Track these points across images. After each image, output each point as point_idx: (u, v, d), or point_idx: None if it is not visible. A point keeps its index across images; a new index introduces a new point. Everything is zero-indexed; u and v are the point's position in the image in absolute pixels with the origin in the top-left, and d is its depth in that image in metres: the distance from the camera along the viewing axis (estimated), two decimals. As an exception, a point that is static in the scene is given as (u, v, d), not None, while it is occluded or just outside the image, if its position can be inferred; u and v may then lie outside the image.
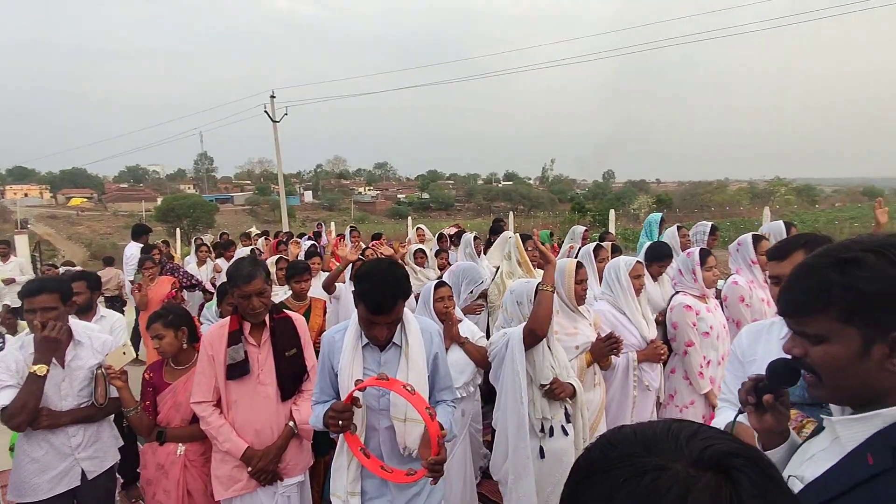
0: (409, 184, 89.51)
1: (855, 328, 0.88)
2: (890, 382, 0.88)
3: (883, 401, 0.89)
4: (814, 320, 0.93)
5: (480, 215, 54.26)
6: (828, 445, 0.99)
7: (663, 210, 24.94)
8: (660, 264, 3.85)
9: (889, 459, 0.85)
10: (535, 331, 2.35)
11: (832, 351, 0.91)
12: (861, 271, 0.87)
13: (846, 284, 0.88)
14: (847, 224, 20.05)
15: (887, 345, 0.86)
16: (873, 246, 0.89)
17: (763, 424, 1.12)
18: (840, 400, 0.97)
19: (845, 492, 0.88)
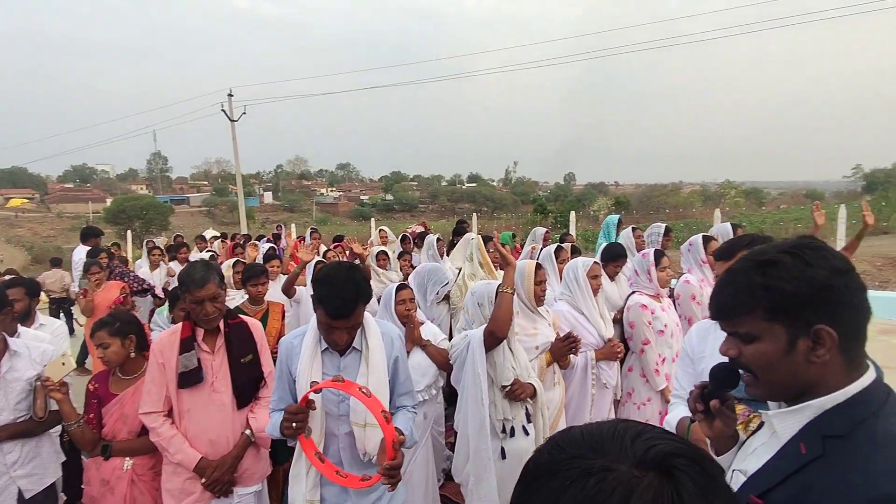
0: (373, 185, 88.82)
1: (780, 325, 0.94)
2: (817, 374, 0.94)
3: (812, 393, 0.95)
4: (743, 321, 0.98)
5: (444, 217, 54.37)
6: (767, 439, 1.03)
7: (621, 212, 25.58)
8: (615, 264, 3.99)
9: (819, 447, 0.90)
10: (495, 332, 2.36)
11: (762, 348, 0.96)
12: (779, 272, 0.93)
13: (767, 285, 0.94)
14: (791, 225, 21.10)
15: (810, 338, 0.92)
16: (789, 248, 0.96)
17: (714, 430, 1.16)
18: (775, 395, 1.02)
19: (782, 481, 0.93)
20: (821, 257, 0.93)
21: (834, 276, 0.91)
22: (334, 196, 75.34)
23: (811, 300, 0.91)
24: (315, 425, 1.94)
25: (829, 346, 0.91)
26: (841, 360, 0.93)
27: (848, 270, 0.93)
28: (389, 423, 1.59)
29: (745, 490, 0.99)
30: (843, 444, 0.88)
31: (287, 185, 79.66)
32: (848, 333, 0.92)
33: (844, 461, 0.86)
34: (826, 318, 0.91)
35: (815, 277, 0.91)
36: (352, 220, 53.69)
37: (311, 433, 1.88)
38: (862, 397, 0.92)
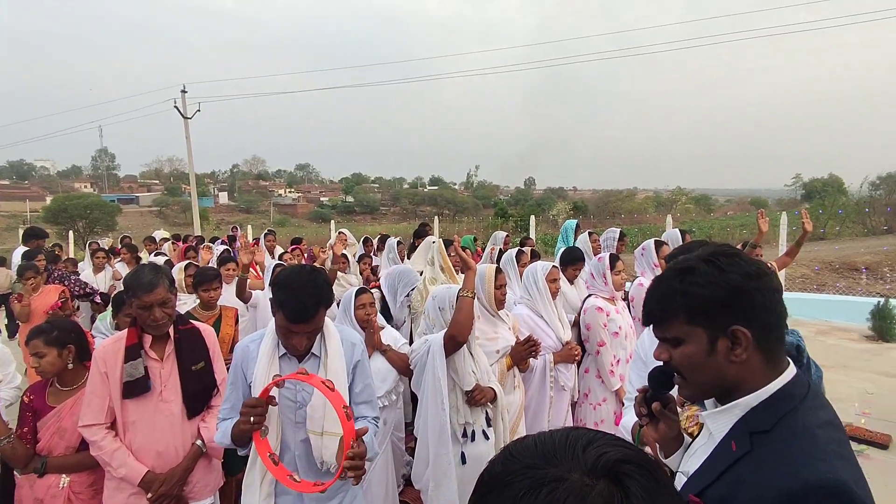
0: (333, 186, 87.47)
1: (700, 328, 1.00)
2: (738, 373, 1.00)
3: (739, 392, 1.00)
4: (668, 326, 1.04)
5: (406, 220, 54.15)
6: (706, 440, 1.08)
7: (579, 217, 26.23)
8: (573, 267, 4.10)
9: (747, 444, 0.96)
10: (455, 337, 2.36)
11: (687, 351, 1.02)
12: (696, 278, 1.00)
13: (686, 291, 1.01)
14: (737, 231, 22.17)
15: (728, 338, 0.98)
16: (705, 255, 1.03)
17: (659, 433, 1.21)
18: (703, 395, 1.07)
19: (716, 479, 0.98)
20: (734, 263, 1.00)
21: (746, 281, 0.98)
22: (293, 197, 73.74)
23: (726, 303, 0.98)
24: (271, 430, 1.88)
25: (745, 344, 0.97)
26: (760, 359, 0.99)
27: (760, 275, 1.00)
28: (350, 420, 1.55)
29: (685, 490, 1.03)
30: (767, 438, 0.94)
31: (244, 186, 77.42)
32: (763, 333, 0.98)
33: (769, 455, 0.92)
34: (741, 319, 0.97)
35: (729, 282, 0.98)
36: (311, 221, 52.73)
37: (267, 433, 1.82)
38: (783, 393, 0.98)
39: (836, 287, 12.12)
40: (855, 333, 7.65)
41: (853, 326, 7.86)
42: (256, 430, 1.75)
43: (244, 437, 1.80)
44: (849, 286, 12.26)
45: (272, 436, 1.86)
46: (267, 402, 1.75)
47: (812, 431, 0.91)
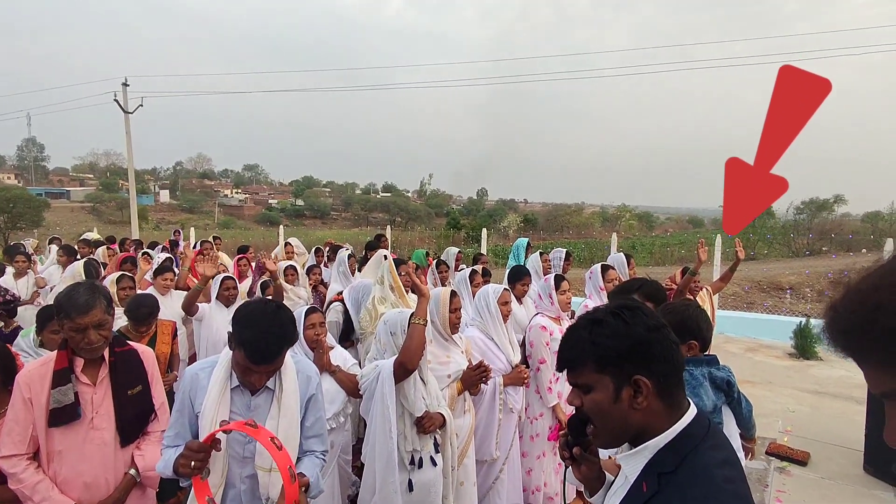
0: (282, 189, 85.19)
1: (608, 376, 1.08)
2: (642, 419, 1.08)
3: (646, 436, 1.08)
4: (579, 373, 1.12)
5: (358, 225, 53.51)
6: (623, 481, 1.15)
7: (529, 231, 26.71)
8: (520, 283, 4.23)
9: (655, 484, 1.03)
10: (405, 364, 2.35)
11: (596, 398, 1.10)
12: (603, 329, 1.09)
13: (594, 341, 1.09)
14: (676, 248, 23.33)
15: (631, 387, 1.06)
16: (613, 309, 1.13)
17: (582, 474, 1.29)
18: (613, 442, 1.15)
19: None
20: (637, 317, 1.09)
21: (648, 333, 1.07)
22: (239, 198, 71.24)
23: (629, 353, 1.06)
24: (216, 466, 1.80)
25: (646, 393, 1.05)
26: (661, 405, 1.07)
27: (659, 327, 1.09)
28: (294, 483, 1.52)
29: None
30: (672, 478, 1.01)
31: (187, 185, 74.11)
32: (663, 381, 1.07)
33: (673, 495, 0.99)
34: (642, 369, 1.06)
35: (632, 334, 1.07)
36: (258, 224, 51.13)
37: (207, 475, 1.75)
38: (685, 434, 1.06)
39: (763, 306, 12.97)
40: (780, 351, 8.18)
41: (778, 344, 8.40)
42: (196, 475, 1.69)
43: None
44: (775, 305, 13.15)
45: (217, 473, 1.79)
46: (210, 448, 1.68)
47: (710, 473, 0.99)
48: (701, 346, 2.19)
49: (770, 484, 3.98)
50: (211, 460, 1.74)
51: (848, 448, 4.49)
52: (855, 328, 0.69)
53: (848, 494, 3.83)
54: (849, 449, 4.47)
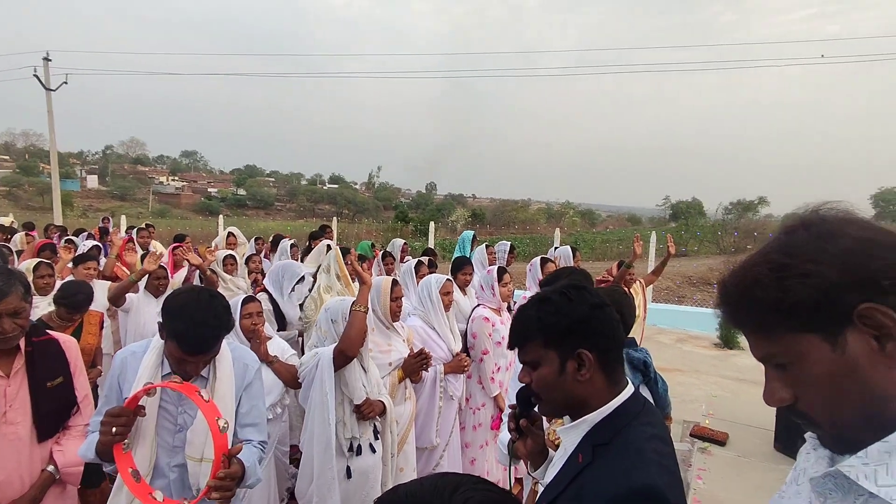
0: (223, 177, 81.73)
1: (553, 351, 1.15)
2: (584, 391, 1.15)
3: (587, 409, 1.15)
4: (527, 350, 1.19)
5: (303, 217, 52.19)
6: (562, 453, 1.22)
7: (477, 226, 27.01)
8: (462, 273, 4.31)
9: (590, 455, 1.10)
10: (345, 351, 2.35)
11: (543, 372, 1.16)
12: (549, 307, 1.16)
13: (540, 318, 1.16)
14: (615, 244, 24.35)
15: (575, 360, 1.13)
16: (560, 288, 1.20)
17: (528, 448, 1.35)
18: (558, 412, 1.22)
19: (565, 488, 1.11)
20: (581, 296, 1.17)
21: (591, 310, 1.15)
22: (176, 186, 67.74)
23: (573, 329, 1.13)
24: (143, 456, 1.73)
25: (588, 365, 1.12)
26: (602, 379, 1.15)
27: (602, 305, 1.17)
28: (224, 434, 1.48)
29: (541, 499, 1.15)
30: (606, 450, 1.09)
31: (118, 170, 69.64)
32: (604, 355, 1.14)
33: (605, 465, 1.07)
34: (586, 343, 1.13)
35: (576, 311, 1.14)
36: (196, 213, 48.88)
37: (129, 447, 1.67)
38: (621, 410, 1.14)
39: (693, 299, 13.78)
40: (706, 341, 8.74)
41: (705, 335, 8.97)
42: (118, 444, 1.61)
43: (108, 451, 1.64)
44: (703, 299, 14.00)
45: (144, 459, 1.73)
46: (134, 413, 1.61)
47: (640, 444, 1.07)
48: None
49: (693, 463, 4.27)
50: (139, 447, 1.68)
51: (761, 428, 4.87)
52: (736, 300, 0.78)
53: (759, 470, 4.17)
54: (762, 429, 4.85)
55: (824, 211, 0.77)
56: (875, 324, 0.66)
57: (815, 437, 0.80)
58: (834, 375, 0.70)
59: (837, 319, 0.69)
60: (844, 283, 0.68)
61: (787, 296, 0.71)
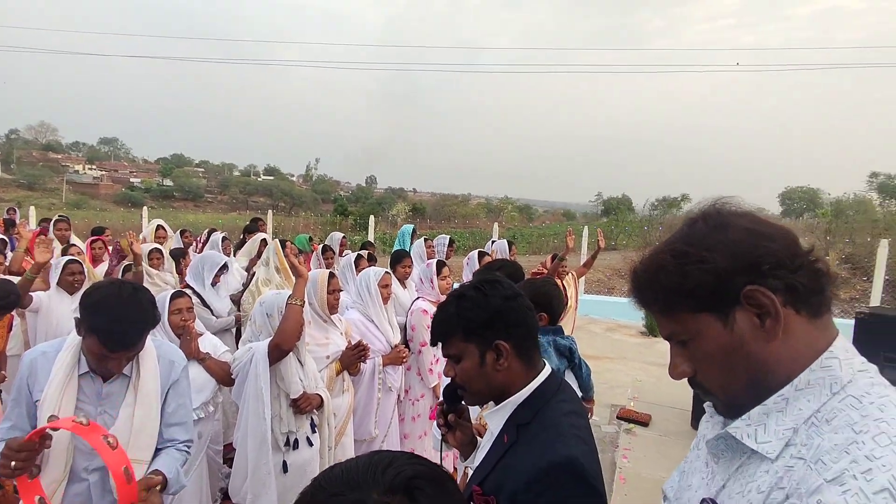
0: (147, 167, 76.62)
1: (473, 344, 1.21)
2: (505, 379, 1.22)
3: (509, 394, 1.23)
4: (450, 345, 1.24)
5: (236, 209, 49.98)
6: (490, 437, 1.29)
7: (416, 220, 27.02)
8: (401, 265, 4.33)
9: (514, 435, 1.17)
10: (280, 345, 2.32)
11: (465, 365, 1.22)
12: (466, 303, 1.22)
13: (459, 314, 1.21)
14: (551, 238, 25.15)
15: (493, 351, 1.20)
16: (475, 284, 1.26)
17: (457, 440, 1.41)
18: (482, 401, 1.29)
19: (493, 468, 1.18)
20: (495, 289, 1.23)
21: (505, 302, 1.21)
22: (94, 175, 62.81)
23: (490, 322, 1.19)
24: (58, 459, 1.63)
25: (506, 355, 1.19)
26: (520, 365, 1.22)
27: (515, 296, 1.24)
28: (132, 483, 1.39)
29: (471, 482, 1.22)
30: (528, 429, 1.16)
31: (26, 157, 63.60)
32: (520, 343, 1.22)
33: (527, 442, 1.14)
34: (502, 334, 1.19)
35: (490, 305, 1.20)
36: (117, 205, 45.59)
37: (37, 473, 1.57)
38: (540, 390, 1.22)
39: (622, 291, 14.52)
40: (634, 330, 9.26)
41: (632, 324, 9.50)
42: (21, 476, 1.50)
43: None
44: (631, 290, 14.77)
45: (58, 465, 1.62)
46: (40, 446, 1.51)
47: (558, 420, 1.15)
48: (550, 319, 2.44)
49: (619, 444, 4.54)
50: (51, 453, 1.58)
51: (681, 409, 5.25)
52: (644, 285, 0.86)
53: (679, 447, 4.49)
54: (681, 410, 5.23)
55: (720, 205, 0.86)
56: (757, 303, 0.76)
57: (712, 405, 0.90)
58: (725, 349, 0.79)
59: (728, 300, 0.78)
60: (733, 268, 0.77)
61: (686, 280, 0.79)
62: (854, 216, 20.84)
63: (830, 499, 0.62)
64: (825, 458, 0.67)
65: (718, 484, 0.82)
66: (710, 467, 0.87)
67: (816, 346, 0.76)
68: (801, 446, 0.71)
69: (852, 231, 16.73)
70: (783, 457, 0.72)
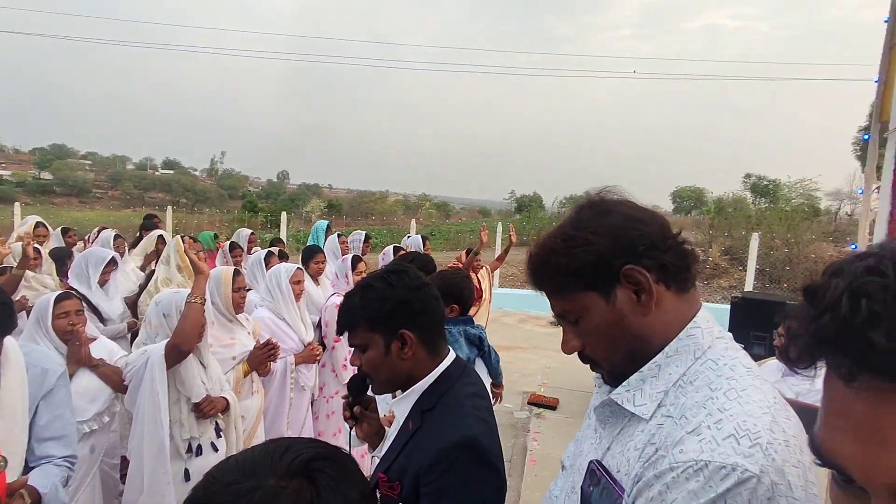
0: (21, 158, 68.08)
1: (377, 333, 1.23)
2: (410, 367, 1.25)
3: (414, 381, 1.26)
4: (355, 335, 1.25)
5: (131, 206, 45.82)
6: (397, 424, 1.31)
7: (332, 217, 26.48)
8: (314, 261, 4.23)
9: (419, 421, 1.21)
10: (179, 346, 2.18)
11: (371, 355, 1.24)
12: (371, 293, 1.24)
13: (363, 304, 1.23)
14: (468, 234, 25.70)
15: (398, 340, 1.22)
16: (380, 274, 1.28)
17: (365, 432, 1.41)
18: (389, 390, 1.32)
19: (398, 455, 1.21)
20: (401, 279, 1.25)
21: (410, 292, 1.24)
22: (-47, 167, 54.71)
23: (395, 312, 1.22)
24: None
25: (411, 343, 1.22)
26: (425, 353, 1.26)
27: (420, 286, 1.27)
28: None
29: (377, 469, 1.24)
30: (432, 414, 1.20)
31: None
32: (425, 332, 1.25)
33: (431, 426, 1.18)
34: (407, 324, 1.22)
35: (395, 295, 1.22)
36: (-19, 201, 40.09)
37: None
38: (444, 376, 1.26)
39: (533, 284, 15.15)
40: (544, 320, 9.71)
41: (543, 315, 9.96)
42: None
43: None
44: (542, 283, 15.45)
45: None
46: None
47: (460, 402, 1.20)
48: (461, 310, 2.52)
49: (531, 428, 4.76)
50: None
51: (585, 391, 5.61)
52: (537, 267, 0.92)
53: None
54: (586, 392, 5.59)
55: (604, 193, 0.95)
56: (634, 281, 0.84)
57: (600, 376, 0.99)
58: (608, 323, 0.87)
59: (610, 279, 0.86)
60: (614, 249, 0.85)
61: (573, 261, 0.86)
62: (732, 213, 23.28)
63: (689, 447, 0.71)
64: (687, 413, 0.76)
65: (604, 447, 0.90)
66: (598, 433, 0.95)
67: (684, 318, 0.86)
68: (669, 406, 0.80)
69: (731, 226, 18.72)
70: (656, 416, 0.81)
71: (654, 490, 0.72)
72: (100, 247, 4.57)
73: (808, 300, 0.39)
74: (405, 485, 1.13)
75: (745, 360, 0.82)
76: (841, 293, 0.36)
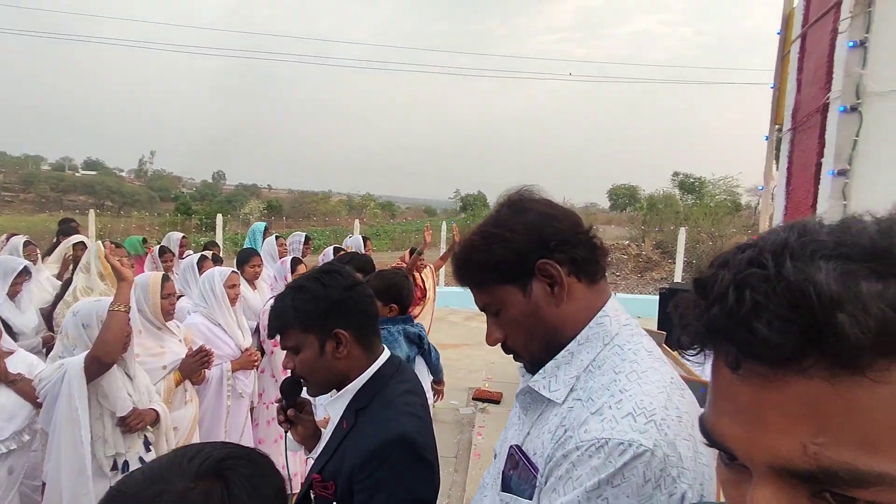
0: (-86, 158, 61.45)
1: (311, 334, 1.22)
2: (346, 366, 1.25)
3: (350, 381, 1.26)
4: (288, 337, 1.24)
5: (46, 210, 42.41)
6: (332, 425, 1.31)
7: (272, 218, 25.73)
8: (250, 265, 4.10)
9: (353, 420, 1.22)
10: (100, 357, 2.05)
11: (305, 356, 1.23)
12: (304, 294, 1.23)
13: (296, 306, 1.22)
14: (413, 234, 25.65)
15: (333, 340, 1.23)
16: (313, 274, 1.28)
17: (301, 435, 1.40)
18: (324, 391, 1.31)
19: (332, 455, 1.21)
20: (334, 279, 1.26)
21: (343, 292, 1.24)
22: None
23: (329, 312, 1.22)
24: None
25: (345, 343, 1.23)
26: (361, 351, 1.27)
27: (353, 286, 1.28)
28: None
29: (311, 470, 1.23)
30: (366, 413, 1.22)
31: None
32: (360, 331, 1.26)
33: (365, 425, 1.20)
34: (341, 323, 1.22)
35: (329, 295, 1.22)
36: None
37: None
38: (378, 374, 1.27)
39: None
40: (488, 318, 9.89)
41: (487, 312, 10.15)
42: None
43: None
44: (486, 280, 15.66)
45: None
46: None
47: (393, 399, 1.22)
48: (400, 309, 2.54)
49: (475, 423, 4.84)
50: None
51: (528, 385, 5.78)
52: (461, 263, 0.96)
53: (527, 420, 4.96)
54: (529, 386, 5.76)
55: (523, 192, 1.00)
56: (547, 274, 0.89)
57: (522, 366, 1.03)
58: (525, 314, 0.91)
59: (526, 273, 0.90)
60: (529, 245, 0.89)
61: (492, 257, 0.90)
62: (663, 209, 24.56)
63: (592, 426, 0.77)
64: (594, 396, 0.82)
65: (525, 432, 0.95)
66: (521, 419, 1.00)
67: (594, 307, 0.92)
68: (580, 390, 0.85)
69: (661, 222, 19.78)
70: (568, 400, 0.86)
71: (563, 468, 0.77)
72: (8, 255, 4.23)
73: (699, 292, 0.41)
74: (339, 484, 1.14)
75: (647, 344, 0.89)
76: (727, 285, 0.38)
